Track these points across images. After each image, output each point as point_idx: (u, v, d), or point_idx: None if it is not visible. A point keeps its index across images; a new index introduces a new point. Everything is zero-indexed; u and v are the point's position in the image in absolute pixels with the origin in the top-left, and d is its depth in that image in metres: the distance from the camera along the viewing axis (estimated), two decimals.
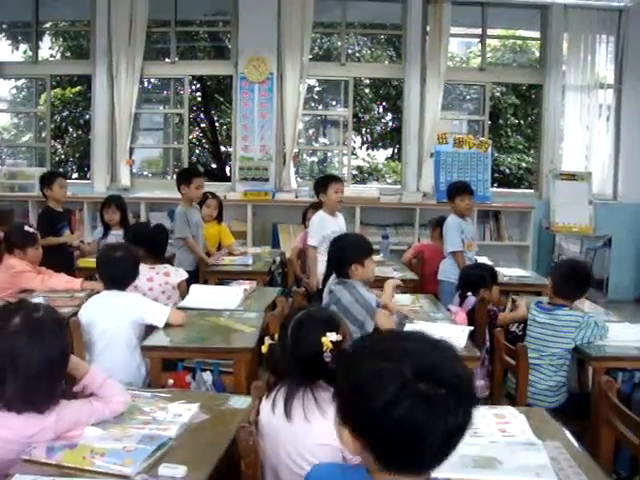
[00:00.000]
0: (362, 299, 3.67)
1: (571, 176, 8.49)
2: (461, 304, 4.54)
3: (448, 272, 5.69)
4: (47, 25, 10.25)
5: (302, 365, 2.30)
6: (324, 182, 5.67)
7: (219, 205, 6.79)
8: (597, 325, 3.74)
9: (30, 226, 4.97)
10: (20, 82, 11.87)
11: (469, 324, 4.03)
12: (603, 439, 2.75)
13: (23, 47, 10.99)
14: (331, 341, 2.29)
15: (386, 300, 4.00)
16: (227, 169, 12.11)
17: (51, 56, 11.42)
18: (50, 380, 2.21)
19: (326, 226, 5.49)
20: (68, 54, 11.71)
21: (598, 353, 3.61)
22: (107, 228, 6.20)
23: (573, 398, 3.81)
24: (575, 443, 2.37)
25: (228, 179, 9.77)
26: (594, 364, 3.60)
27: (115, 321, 3.58)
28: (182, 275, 4.67)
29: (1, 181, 8.70)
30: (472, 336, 3.73)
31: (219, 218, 6.78)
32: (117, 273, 3.77)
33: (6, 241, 4.72)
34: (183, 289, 4.62)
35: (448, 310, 4.42)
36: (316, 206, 6.07)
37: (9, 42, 10.88)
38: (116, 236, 5.97)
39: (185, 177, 5.98)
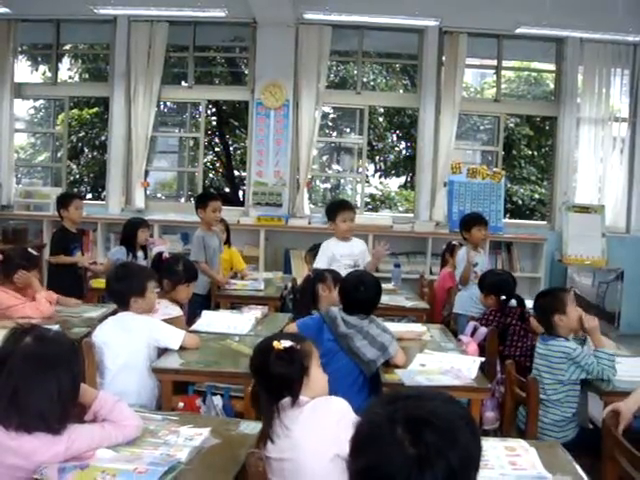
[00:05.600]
0: (386, 328, 3.84)
1: (584, 208, 8.48)
2: (472, 335, 4.52)
3: (466, 305, 5.66)
4: (67, 47, 10.38)
5: (260, 378, 2.42)
6: (334, 210, 5.56)
7: (226, 228, 6.82)
8: (600, 363, 3.65)
9: (33, 248, 4.92)
10: (38, 102, 11.99)
11: (480, 355, 4.02)
12: (608, 474, 2.73)
13: (42, 68, 11.13)
14: (283, 346, 2.38)
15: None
16: (240, 194, 12.16)
17: (70, 78, 11.53)
18: (61, 402, 2.20)
19: (331, 249, 5.44)
20: (86, 76, 11.84)
21: (609, 388, 3.58)
22: (134, 249, 6.11)
23: (584, 433, 3.77)
24: (585, 478, 2.35)
25: (241, 203, 9.82)
26: (605, 399, 3.57)
27: (131, 344, 3.56)
28: (168, 313, 4.22)
29: (17, 200, 8.80)
30: (483, 367, 3.72)
31: (227, 242, 6.80)
32: (119, 290, 3.78)
33: (6, 263, 4.64)
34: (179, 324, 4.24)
35: (459, 340, 4.40)
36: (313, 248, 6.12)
37: (29, 63, 11.00)
38: (139, 258, 5.99)
39: (201, 201, 6.05)
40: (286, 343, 2.40)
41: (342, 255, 5.40)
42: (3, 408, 2.16)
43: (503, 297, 4.81)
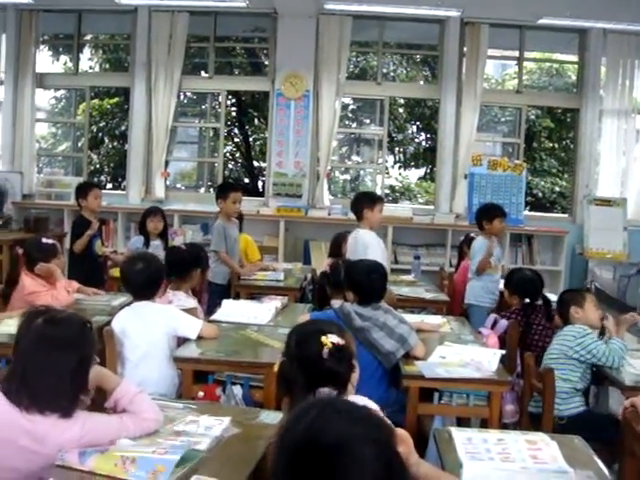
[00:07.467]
0: (403, 318, 3.84)
1: (606, 201, 8.40)
2: (493, 327, 4.51)
3: (478, 296, 5.64)
4: (88, 37, 10.42)
5: (304, 368, 2.34)
6: (372, 201, 5.53)
7: (240, 217, 6.72)
8: (609, 345, 3.73)
9: (48, 237, 4.89)
10: (59, 93, 12.05)
11: (500, 348, 4.00)
12: (627, 469, 2.72)
13: (64, 59, 11.18)
14: (331, 342, 2.35)
15: None
16: (259, 184, 12.18)
17: (90, 68, 11.58)
18: (69, 383, 2.22)
19: (381, 245, 5.42)
20: (107, 66, 11.88)
21: (631, 382, 3.56)
22: (147, 238, 6.22)
23: (588, 415, 3.77)
24: (606, 472, 2.34)
25: (260, 194, 9.82)
26: (627, 393, 3.54)
27: (150, 333, 3.59)
28: (182, 305, 4.21)
29: (38, 189, 8.89)
30: (503, 360, 3.70)
31: (240, 230, 6.68)
32: (139, 284, 3.79)
33: (27, 256, 4.66)
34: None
35: (479, 333, 4.39)
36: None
37: (50, 53, 11.05)
38: (156, 247, 6.00)
39: (222, 192, 6.04)
40: (334, 338, 2.37)
41: (384, 248, 5.47)
42: (15, 388, 2.19)
43: (527, 300, 4.77)
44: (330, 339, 2.36)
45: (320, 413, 1.43)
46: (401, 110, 12.32)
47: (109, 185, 12.06)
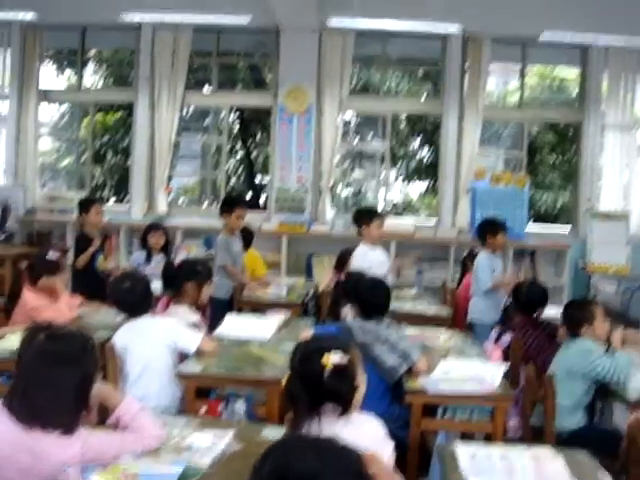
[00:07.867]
0: (405, 335, 3.88)
1: (608, 215, 8.38)
2: (496, 341, 4.49)
3: (482, 313, 5.62)
4: (91, 53, 10.46)
5: (307, 385, 2.33)
6: (370, 216, 5.59)
7: (249, 234, 6.77)
8: (614, 360, 3.71)
9: (56, 251, 4.88)
10: (63, 107, 12.08)
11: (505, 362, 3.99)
12: None
13: (67, 74, 11.22)
14: (332, 363, 2.31)
15: None
16: (261, 199, 12.18)
17: (94, 83, 11.61)
18: (71, 399, 2.21)
19: (367, 259, 5.45)
20: (110, 81, 11.92)
21: (636, 398, 3.54)
22: (149, 253, 6.24)
23: (588, 430, 3.76)
24: None
25: (262, 209, 9.82)
26: (633, 409, 3.53)
27: (150, 347, 3.60)
28: (186, 319, 4.14)
29: (41, 204, 8.87)
30: (507, 375, 3.69)
31: (247, 246, 6.72)
32: (131, 302, 3.81)
33: (31, 270, 4.69)
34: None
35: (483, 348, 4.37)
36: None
37: (54, 68, 11.09)
38: (158, 262, 6.03)
39: (227, 206, 6.05)
40: (336, 357, 2.33)
41: (381, 262, 5.46)
42: (17, 404, 2.19)
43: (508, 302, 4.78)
44: (332, 359, 2.33)
45: (285, 452, 1.46)
46: (403, 125, 12.34)
47: (112, 200, 12.07)
